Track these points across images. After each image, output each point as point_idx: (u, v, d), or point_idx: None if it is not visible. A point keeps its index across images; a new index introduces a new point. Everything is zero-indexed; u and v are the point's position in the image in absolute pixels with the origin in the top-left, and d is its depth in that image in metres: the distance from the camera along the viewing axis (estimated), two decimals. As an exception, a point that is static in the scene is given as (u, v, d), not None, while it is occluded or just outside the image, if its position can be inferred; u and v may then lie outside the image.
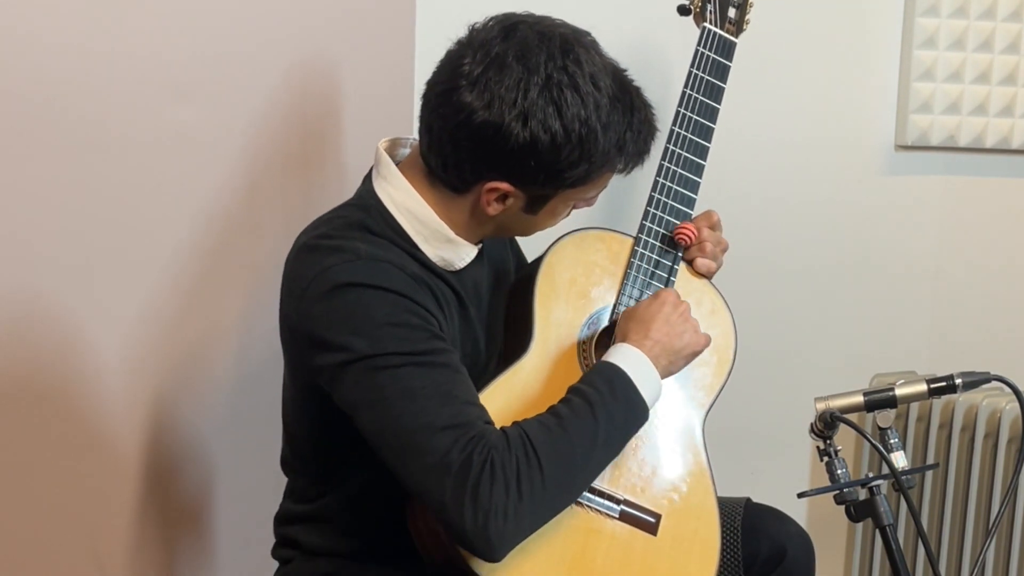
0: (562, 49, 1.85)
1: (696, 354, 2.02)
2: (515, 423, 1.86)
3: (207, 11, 2.26)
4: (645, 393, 1.93)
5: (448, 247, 1.95)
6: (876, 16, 2.97)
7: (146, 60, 2.20)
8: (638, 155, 1.96)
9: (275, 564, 2.12)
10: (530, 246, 2.24)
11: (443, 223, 1.93)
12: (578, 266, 2.05)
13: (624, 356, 1.94)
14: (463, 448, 1.78)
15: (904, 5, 2.96)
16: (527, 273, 2.07)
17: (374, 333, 1.82)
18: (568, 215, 2.02)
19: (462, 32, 1.91)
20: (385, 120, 2.14)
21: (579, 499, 1.96)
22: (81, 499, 2.28)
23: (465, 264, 1.98)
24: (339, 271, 1.85)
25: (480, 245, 2.00)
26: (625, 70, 1.95)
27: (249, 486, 2.45)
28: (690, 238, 2.10)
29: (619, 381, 1.92)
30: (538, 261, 2.05)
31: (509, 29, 1.86)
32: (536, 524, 1.85)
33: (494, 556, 1.81)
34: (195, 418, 2.39)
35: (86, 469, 2.27)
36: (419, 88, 1.94)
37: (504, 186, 1.89)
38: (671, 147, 2.13)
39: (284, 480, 2.13)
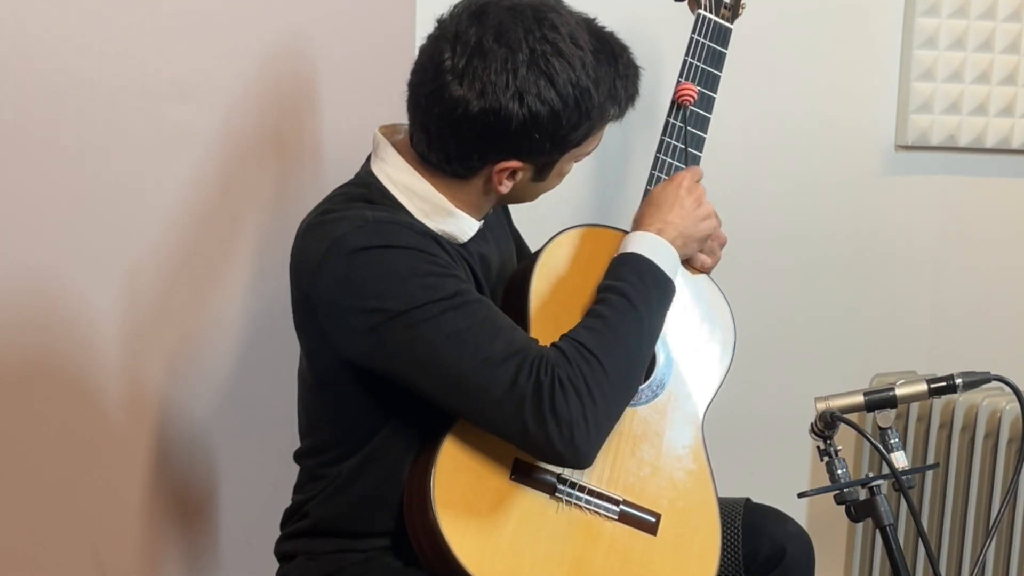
0: (536, 19, 1.87)
1: (708, 236, 2.08)
2: (563, 336, 1.89)
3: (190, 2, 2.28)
4: (669, 273, 1.99)
5: (450, 220, 1.96)
6: (876, 16, 2.97)
7: (133, 52, 2.21)
8: (629, 99, 2.00)
9: (275, 565, 2.12)
10: (530, 239, 2.24)
11: (443, 197, 1.95)
12: (574, 264, 2.05)
13: (643, 243, 1.99)
14: (529, 373, 1.83)
15: (904, 5, 2.96)
16: (522, 271, 2.06)
17: (403, 289, 1.84)
18: (570, 171, 2.05)
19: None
20: (376, 107, 2.14)
21: (578, 501, 1.97)
22: (81, 496, 2.28)
23: (469, 237, 1.99)
24: (352, 237, 1.86)
25: (482, 221, 2.01)
26: (594, 19, 1.99)
27: (250, 481, 2.45)
28: (692, 97, 2.13)
29: (647, 268, 1.97)
30: (533, 259, 2.05)
31: (479, 13, 1.88)
32: (613, 420, 1.91)
33: (587, 463, 1.88)
34: (195, 413, 2.39)
35: (85, 467, 2.28)
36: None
37: (513, 163, 1.92)
38: (666, 139, 2.13)
39: (286, 475, 2.13)
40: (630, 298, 1.93)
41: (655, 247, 1.99)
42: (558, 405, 1.82)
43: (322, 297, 1.90)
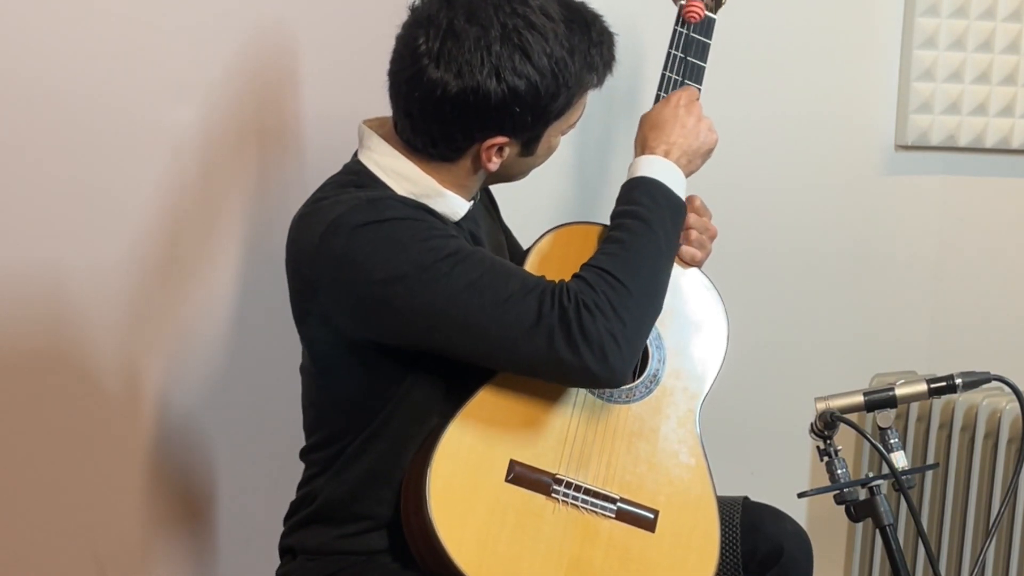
0: None
1: (711, 151, 2.10)
2: (583, 265, 1.92)
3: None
4: (679, 193, 2.02)
5: (441, 201, 1.97)
6: (876, 16, 2.97)
7: (118, 49, 2.22)
8: (606, 65, 2.01)
9: (275, 564, 2.12)
10: (522, 234, 2.25)
11: (431, 178, 1.97)
12: (563, 261, 2.04)
13: (651, 166, 2.02)
14: (551, 303, 1.85)
15: (904, 5, 2.96)
16: None
17: (407, 256, 1.86)
18: (559, 144, 2.06)
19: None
20: (363, 100, 2.15)
21: (574, 501, 1.96)
22: (79, 495, 2.28)
23: (460, 216, 2.00)
24: (348, 216, 1.88)
25: (472, 202, 2.03)
26: None
27: (250, 480, 2.46)
28: (698, 13, 2.14)
29: (657, 190, 2.00)
30: (522, 259, 2.05)
31: None
32: (643, 339, 1.94)
33: (622, 381, 1.92)
34: (193, 411, 2.39)
35: (83, 465, 2.28)
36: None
37: (499, 139, 1.94)
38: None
39: (286, 473, 2.12)
40: (645, 220, 1.96)
41: (664, 169, 2.02)
42: (587, 328, 1.84)
43: (324, 279, 1.91)
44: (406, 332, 1.90)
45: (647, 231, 1.96)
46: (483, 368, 1.94)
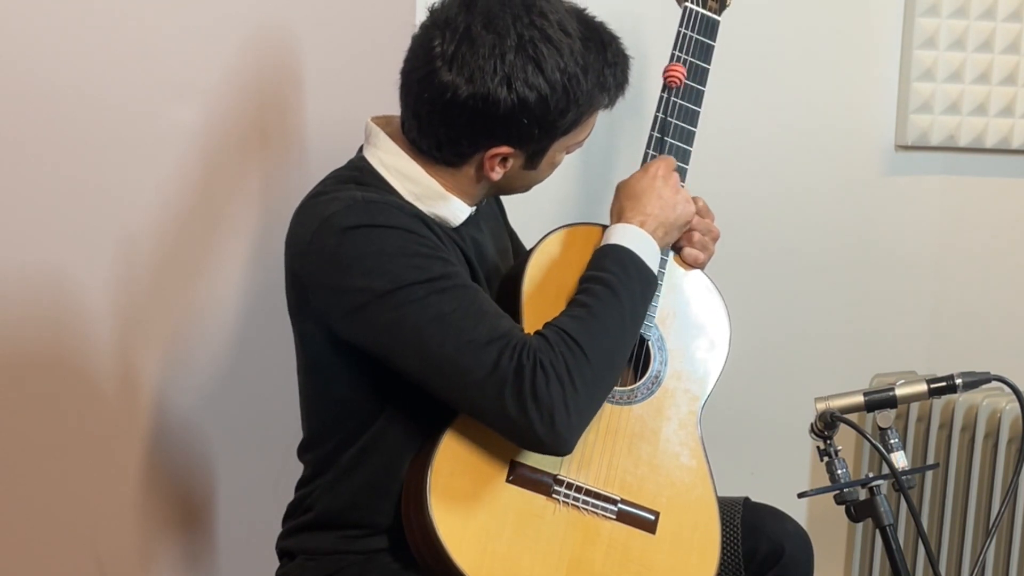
0: (525, 6, 1.90)
1: (688, 223, 2.09)
2: (547, 324, 1.91)
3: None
4: (652, 266, 2.00)
5: (442, 204, 1.97)
6: (876, 16, 2.97)
7: (121, 49, 2.22)
8: (618, 87, 2.02)
9: (275, 564, 2.12)
10: (525, 235, 2.25)
11: (434, 181, 1.96)
12: (564, 263, 2.04)
13: (625, 235, 2.01)
14: (510, 357, 1.84)
15: (904, 5, 2.96)
16: (513, 272, 2.07)
17: (389, 268, 1.86)
18: (561, 162, 2.06)
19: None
20: (368, 100, 2.15)
21: (575, 502, 1.96)
22: (79, 494, 2.28)
23: (461, 221, 2.00)
24: (341, 216, 1.88)
25: (474, 208, 2.02)
26: (584, 8, 2.01)
27: (250, 479, 2.46)
28: (679, 78, 2.12)
29: (629, 260, 1.98)
30: (524, 260, 2.05)
31: (468, 1, 1.91)
32: (594, 409, 1.92)
33: (567, 449, 1.89)
34: (193, 410, 2.39)
35: (82, 465, 2.28)
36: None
37: (504, 149, 1.94)
38: (655, 134, 2.13)
39: (286, 472, 2.12)
40: (614, 288, 1.94)
41: (638, 240, 2.00)
42: (539, 390, 1.83)
43: (311, 276, 1.92)
44: (371, 344, 1.90)
45: (613, 300, 1.94)
46: None
